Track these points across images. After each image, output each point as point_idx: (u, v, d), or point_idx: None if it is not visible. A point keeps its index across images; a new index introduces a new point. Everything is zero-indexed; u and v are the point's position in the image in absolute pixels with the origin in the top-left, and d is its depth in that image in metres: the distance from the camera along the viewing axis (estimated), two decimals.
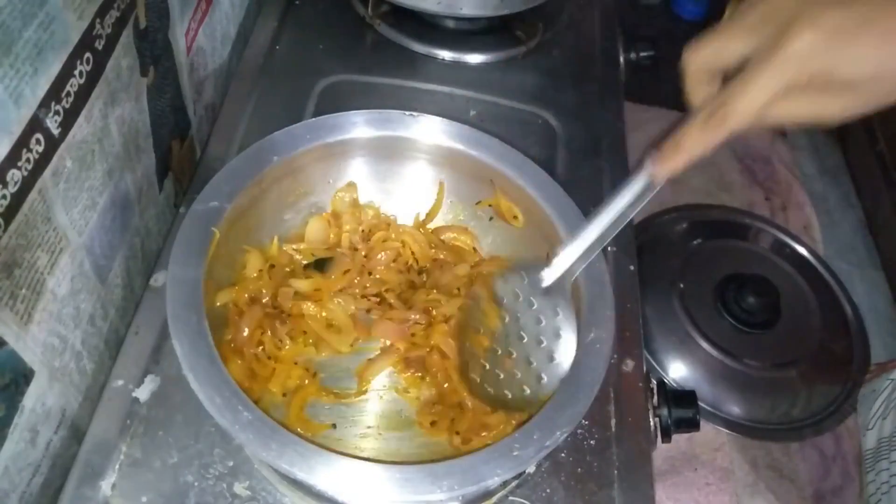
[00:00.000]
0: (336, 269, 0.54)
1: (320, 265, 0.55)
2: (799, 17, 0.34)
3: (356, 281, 0.55)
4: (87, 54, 0.45)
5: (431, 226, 0.59)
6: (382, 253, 0.56)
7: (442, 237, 0.58)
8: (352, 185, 0.57)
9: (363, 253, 0.56)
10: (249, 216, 0.51)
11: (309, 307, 0.52)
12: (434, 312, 0.53)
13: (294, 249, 0.55)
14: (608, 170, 0.71)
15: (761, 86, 0.35)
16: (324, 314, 0.52)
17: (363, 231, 0.57)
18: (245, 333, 0.48)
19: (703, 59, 0.38)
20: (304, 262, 0.55)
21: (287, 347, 0.50)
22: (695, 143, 0.38)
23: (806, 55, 0.34)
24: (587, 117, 0.76)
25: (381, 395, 0.51)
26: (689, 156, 0.39)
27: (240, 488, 0.47)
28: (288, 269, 0.54)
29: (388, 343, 0.53)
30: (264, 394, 0.48)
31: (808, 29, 0.34)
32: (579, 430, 0.53)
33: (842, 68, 0.34)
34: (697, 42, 0.38)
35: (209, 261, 0.45)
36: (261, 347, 0.49)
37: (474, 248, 0.58)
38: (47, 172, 0.43)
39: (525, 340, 0.48)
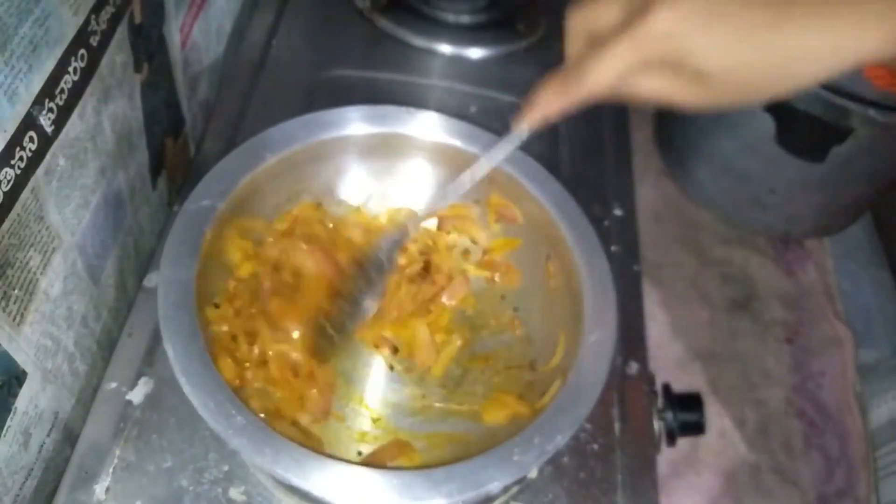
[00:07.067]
0: None
1: None
2: None
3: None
4: (82, 51, 0.45)
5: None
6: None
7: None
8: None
9: None
10: (243, 214, 0.50)
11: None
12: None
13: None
14: (612, 167, 0.70)
15: (614, 56, 0.36)
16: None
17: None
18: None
19: (581, 20, 0.40)
20: None
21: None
22: (549, 101, 0.41)
23: (659, 35, 0.34)
24: (590, 114, 0.74)
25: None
26: (543, 113, 0.41)
27: (235, 493, 0.47)
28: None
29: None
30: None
31: (665, 10, 0.34)
32: (582, 434, 0.52)
33: (692, 55, 0.34)
34: (580, 3, 0.40)
35: (201, 261, 0.44)
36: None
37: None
38: (40, 171, 0.42)
39: None
